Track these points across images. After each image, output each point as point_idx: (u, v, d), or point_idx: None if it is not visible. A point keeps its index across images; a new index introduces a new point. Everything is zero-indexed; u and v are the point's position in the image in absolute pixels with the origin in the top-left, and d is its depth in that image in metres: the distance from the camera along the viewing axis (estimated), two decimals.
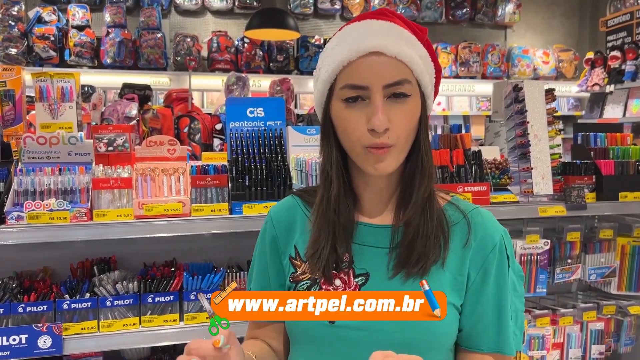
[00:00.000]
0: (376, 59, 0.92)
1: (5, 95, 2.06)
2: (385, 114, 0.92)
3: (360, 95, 0.93)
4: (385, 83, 0.92)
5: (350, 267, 1.02)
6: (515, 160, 2.29)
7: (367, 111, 0.93)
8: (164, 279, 1.88)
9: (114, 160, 1.99)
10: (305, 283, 1.05)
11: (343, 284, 1.01)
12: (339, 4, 6.43)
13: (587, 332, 2.40)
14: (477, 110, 6.82)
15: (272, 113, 2.14)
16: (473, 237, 1.02)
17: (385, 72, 0.92)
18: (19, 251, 2.00)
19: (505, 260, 1.03)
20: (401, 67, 0.94)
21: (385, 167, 0.96)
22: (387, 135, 0.93)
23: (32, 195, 1.80)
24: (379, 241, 1.03)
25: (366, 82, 0.92)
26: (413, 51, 0.96)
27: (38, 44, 5.39)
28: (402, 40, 0.96)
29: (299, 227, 1.10)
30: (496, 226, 1.04)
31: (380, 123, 0.91)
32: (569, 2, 7.41)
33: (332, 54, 0.97)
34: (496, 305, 1.02)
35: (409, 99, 0.95)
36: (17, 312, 1.74)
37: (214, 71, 5.97)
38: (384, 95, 0.93)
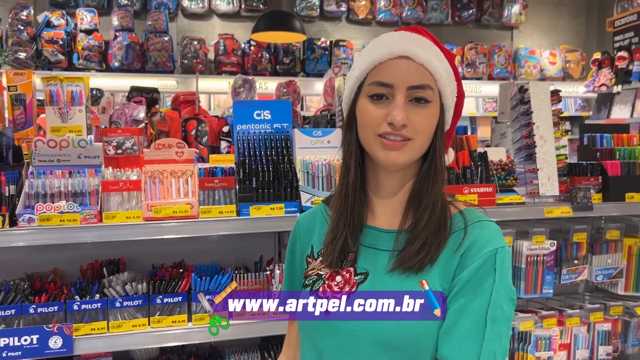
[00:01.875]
0: (404, 62, 1.01)
1: (16, 99, 2.09)
2: (404, 112, 0.99)
3: (385, 93, 1.01)
4: (409, 85, 1.00)
5: (353, 266, 1.08)
6: (521, 161, 2.29)
7: (389, 108, 1.01)
8: (173, 280, 1.90)
9: (123, 163, 2.02)
10: (311, 278, 1.12)
11: (344, 281, 1.07)
12: (344, 6, 6.44)
13: (594, 333, 2.40)
14: (484, 111, 6.80)
15: (278, 115, 2.16)
16: (465, 244, 1.02)
17: (411, 75, 1.00)
18: (30, 252, 2.03)
19: (491, 273, 0.99)
20: (426, 74, 1.01)
21: (397, 157, 1.01)
22: (406, 130, 1.00)
23: (42, 198, 1.83)
24: (383, 244, 1.08)
25: (392, 81, 1.00)
26: (439, 64, 1.03)
27: (47, 48, 5.44)
28: (431, 52, 1.04)
29: (317, 229, 1.18)
30: (494, 240, 1.02)
31: (400, 118, 0.98)
32: (575, 3, 7.39)
33: (366, 55, 1.06)
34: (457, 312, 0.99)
35: (429, 105, 1.02)
36: (28, 312, 1.76)
37: (220, 74, 6.00)
38: (407, 97, 1.00)
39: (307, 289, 1.12)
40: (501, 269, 1.00)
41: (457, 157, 2.15)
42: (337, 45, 6.30)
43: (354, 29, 6.67)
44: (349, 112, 1.10)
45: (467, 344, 0.97)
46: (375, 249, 1.08)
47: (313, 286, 1.11)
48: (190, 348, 2.19)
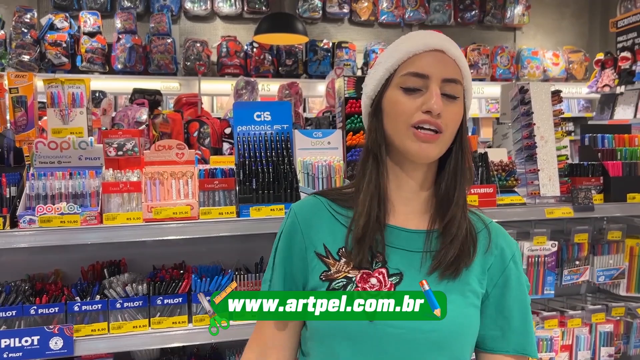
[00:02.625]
0: (440, 55, 1.03)
1: (17, 101, 2.10)
2: (441, 100, 1.00)
3: (419, 86, 1.02)
4: (445, 77, 1.02)
5: (384, 267, 1.04)
6: (521, 162, 2.29)
7: (423, 99, 1.01)
8: (173, 281, 1.91)
9: (124, 165, 2.02)
10: (340, 281, 1.04)
11: (379, 283, 1.03)
12: (347, 8, 6.45)
13: (596, 334, 2.39)
14: (487, 112, 6.80)
15: (279, 117, 2.16)
16: (494, 246, 1.09)
17: (446, 68, 1.03)
18: (31, 254, 2.04)
19: (521, 269, 1.12)
20: (457, 70, 1.05)
21: (430, 149, 1.01)
22: (441, 120, 1.00)
23: (43, 199, 1.84)
24: (412, 245, 1.06)
25: (428, 72, 1.01)
26: (465, 64, 1.07)
27: (50, 51, 5.47)
28: (459, 52, 1.07)
29: (326, 226, 1.09)
30: (512, 239, 1.14)
31: (438, 106, 0.99)
32: (578, 3, 7.37)
33: (397, 48, 1.06)
34: (521, 310, 1.10)
35: (458, 101, 1.04)
36: (29, 314, 1.77)
37: (223, 76, 6.02)
38: (440, 89, 1.02)
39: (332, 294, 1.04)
40: (521, 264, 1.13)
41: None
42: (340, 47, 6.31)
43: (356, 30, 6.68)
44: (375, 104, 1.08)
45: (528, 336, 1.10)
46: (403, 249, 1.06)
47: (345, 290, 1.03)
48: (191, 349, 2.19)
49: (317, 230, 1.09)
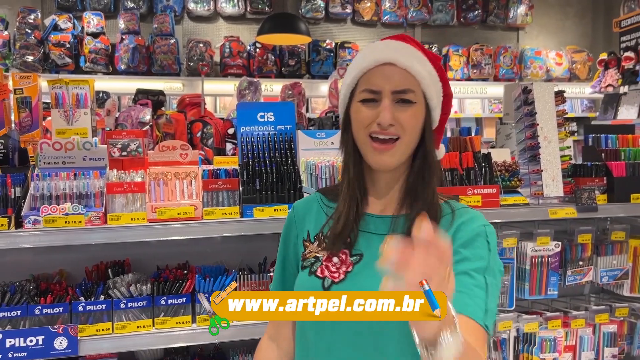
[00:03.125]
0: (389, 68, 1.12)
1: (22, 102, 2.11)
2: (391, 113, 1.10)
3: (374, 97, 1.12)
4: (394, 89, 1.11)
5: (349, 249, 1.18)
6: (525, 163, 2.29)
7: (378, 110, 1.11)
8: (177, 282, 1.91)
9: (128, 165, 2.03)
10: (309, 260, 1.21)
11: (340, 262, 1.17)
12: (350, 8, 6.45)
13: (600, 334, 2.39)
14: (490, 112, 6.79)
15: (282, 117, 2.17)
16: (455, 225, 1.14)
17: (395, 80, 1.11)
18: (35, 254, 2.05)
19: (485, 244, 1.12)
20: (409, 78, 1.12)
21: (387, 159, 1.12)
22: (393, 129, 1.10)
23: (48, 200, 1.84)
24: (379, 228, 1.18)
25: (379, 87, 1.11)
26: (422, 67, 1.13)
27: (54, 51, 5.49)
28: (413, 57, 1.14)
29: (314, 214, 1.27)
30: (480, 220, 1.16)
31: (387, 119, 1.09)
32: (582, 3, 7.36)
33: (356, 64, 1.17)
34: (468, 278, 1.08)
35: (414, 106, 1.12)
36: (34, 314, 1.78)
37: (226, 76, 6.03)
38: (393, 99, 1.11)
39: (305, 270, 1.20)
40: (492, 243, 1.13)
41: (460, 158, 2.15)
42: (343, 47, 6.31)
43: (359, 30, 6.68)
44: (344, 116, 1.20)
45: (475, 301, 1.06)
46: (370, 233, 1.18)
47: (311, 268, 1.19)
48: (195, 349, 2.20)
49: (307, 220, 1.27)
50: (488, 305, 1.07)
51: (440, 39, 6.77)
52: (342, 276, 1.15)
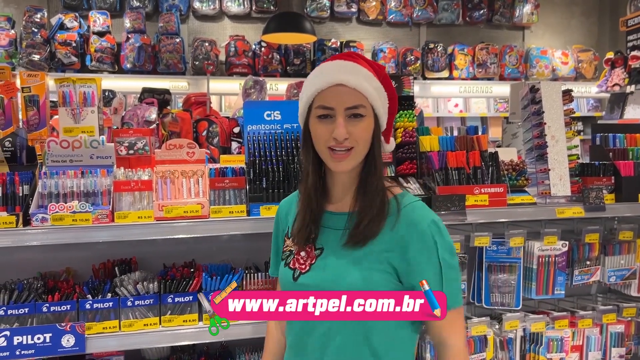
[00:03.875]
0: (340, 89, 1.28)
1: (29, 100, 2.11)
2: (345, 128, 1.27)
3: (329, 114, 1.28)
4: (346, 106, 1.27)
5: (313, 243, 1.37)
6: (532, 162, 2.28)
7: (333, 126, 1.28)
8: (184, 280, 1.92)
9: (135, 163, 2.03)
10: (286, 254, 1.43)
11: (306, 255, 1.37)
12: (355, 7, 6.44)
13: (607, 334, 2.38)
14: (495, 111, 6.76)
15: (288, 116, 2.17)
16: (401, 223, 1.30)
17: (346, 99, 1.27)
18: (43, 252, 2.05)
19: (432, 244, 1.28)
20: (358, 96, 1.28)
21: (344, 166, 1.30)
22: (348, 141, 1.27)
23: (55, 198, 1.85)
24: (337, 224, 1.36)
25: (332, 105, 1.28)
26: (368, 84, 1.30)
27: (60, 50, 5.50)
28: (361, 76, 1.30)
29: (293, 213, 1.46)
30: (424, 215, 1.31)
31: (341, 134, 1.26)
32: (588, 2, 7.32)
33: (311, 83, 1.32)
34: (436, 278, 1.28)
35: (364, 118, 1.29)
36: (41, 311, 1.78)
37: (231, 75, 6.03)
38: (346, 115, 1.28)
39: (283, 261, 1.42)
40: (439, 235, 1.29)
41: (467, 157, 2.14)
42: (348, 46, 6.30)
43: (364, 29, 6.67)
44: (303, 128, 1.35)
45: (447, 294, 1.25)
46: (329, 228, 1.37)
47: (287, 260, 1.41)
48: (201, 347, 2.20)
49: (289, 218, 1.47)
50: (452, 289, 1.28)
51: (446, 38, 6.75)
52: (307, 267, 1.35)
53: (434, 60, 6.47)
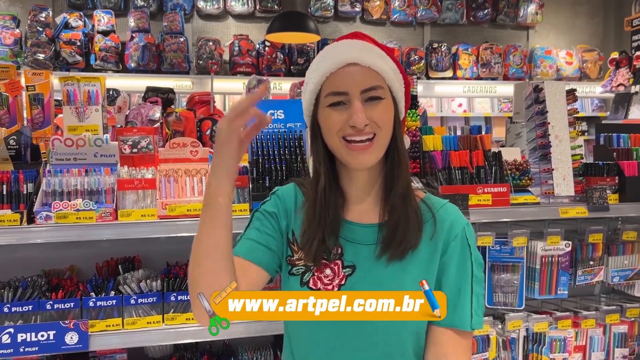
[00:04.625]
0: (353, 69, 1.09)
1: (34, 99, 2.12)
2: (363, 113, 1.07)
3: (342, 100, 1.09)
4: (362, 88, 1.08)
5: (340, 259, 1.16)
6: (535, 161, 2.28)
7: (349, 112, 1.08)
8: (187, 278, 1.92)
9: (138, 162, 2.04)
10: (300, 268, 1.18)
11: (332, 274, 1.15)
12: (359, 7, 6.44)
13: (610, 335, 2.37)
14: (499, 111, 6.75)
15: (292, 115, 2.17)
16: (439, 231, 1.15)
17: (361, 80, 1.09)
18: (46, 250, 2.06)
19: (467, 249, 1.15)
20: (375, 75, 1.10)
21: (367, 159, 1.09)
22: (369, 127, 1.08)
23: (59, 196, 1.85)
24: (367, 239, 1.16)
25: (346, 89, 1.08)
26: (384, 63, 1.12)
27: (65, 49, 5.51)
28: (375, 54, 1.12)
29: (298, 213, 1.21)
30: (459, 219, 1.18)
31: (361, 120, 1.06)
32: (592, 2, 7.30)
33: (316, 68, 1.13)
34: (455, 287, 1.14)
35: (383, 101, 1.11)
36: (45, 309, 1.79)
37: (235, 74, 6.03)
38: (362, 99, 1.08)
39: (294, 277, 1.17)
40: (471, 242, 1.17)
41: (470, 156, 2.14)
42: None
43: (368, 29, 6.66)
44: (311, 123, 1.17)
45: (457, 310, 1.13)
46: (358, 243, 1.16)
47: (302, 277, 1.16)
48: (204, 345, 2.21)
49: (291, 215, 1.23)
50: (474, 307, 1.14)
51: (450, 37, 6.74)
52: (335, 289, 1.14)
53: (437, 60, 6.45)
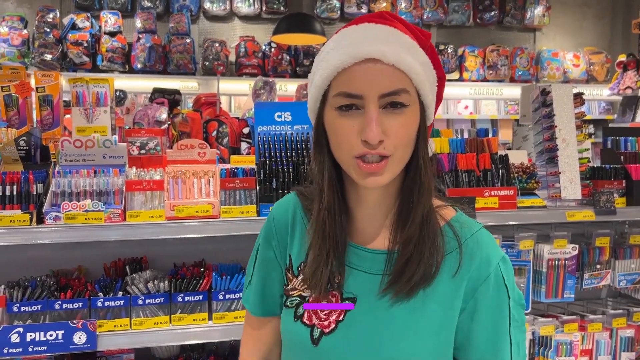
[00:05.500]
0: (372, 67, 0.86)
1: (44, 100, 2.14)
2: (379, 125, 0.86)
3: (355, 104, 0.87)
4: (382, 93, 0.86)
5: (339, 290, 0.97)
6: (542, 165, 2.28)
7: (361, 121, 0.87)
8: (194, 279, 1.93)
9: (146, 163, 2.05)
10: (294, 300, 1.02)
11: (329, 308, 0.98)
12: (365, 8, 6.44)
13: (617, 339, 2.36)
14: (505, 114, 6.74)
15: (299, 117, 2.18)
16: (465, 268, 0.94)
17: (381, 81, 0.86)
18: (55, 250, 2.08)
19: (503, 290, 0.95)
20: (399, 76, 0.87)
21: (378, 181, 0.89)
22: (383, 146, 0.87)
23: (68, 197, 1.87)
24: (373, 267, 0.97)
25: (361, 91, 0.86)
26: (413, 58, 0.88)
27: (72, 50, 5.55)
28: (402, 47, 0.88)
29: (297, 235, 1.05)
30: (493, 253, 0.96)
31: (374, 135, 0.85)
32: (600, 4, 7.28)
33: (327, 58, 0.90)
34: (491, 336, 0.95)
35: (407, 109, 0.88)
36: (54, 308, 1.80)
37: (241, 76, 6.05)
38: (380, 105, 0.87)
39: (288, 310, 1.02)
40: (508, 281, 0.96)
41: (477, 159, 2.14)
42: None
43: None
44: (315, 123, 0.96)
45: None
46: (362, 271, 0.97)
47: (297, 311, 1.00)
48: (210, 346, 2.21)
49: (290, 239, 1.05)
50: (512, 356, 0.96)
51: (456, 39, 6.73)
52: (332, 325, 0.96)
53: (444, 61, 6.45)
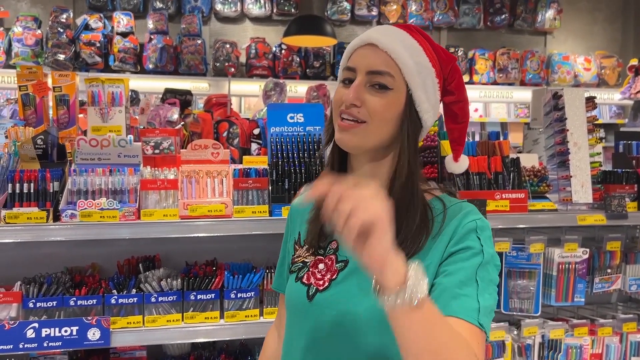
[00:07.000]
0: (369, 48, 1.06)
1: (60, 99, 2.17)
2: (358, 93, 1.04)
3: (350, 77, 1.07)
4: (369, 69, 1.05)
5: (335, 254, 1.13)
6: (554, 168, 2.28)
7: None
8: (206, 278, 1.95)
9: (160, 163, 2.08)
10: (297, 265, 1.18)
11: (326, 268, 1.12)
12: (375, 11, 6.45)
13: (627, 343, 2.36)
14: (515, 117, 6.72)
15: (311, 119, 2.19)
16: (448, 226, 1.04)
17: (371, 60, 1.05)
18: (69, 247, 2.10)
19: (475, 239, 1.01)
20: (388, 62, 1.04)
21: (348, 138, 1.05)
22: (358, 110, 1.04)
23: (84, 195, 1.89)
24: None
25: (354, 65, 1.07)
26: (408, 55, 1.05)
27: (84, 50, 5.60)
28: (401, 43, 1.06)
29: (308, 216, 1.20)
30: (472, 215, 1.05)
31: (350, 97, 1.03)
32: (611, 7, 7.25)
33: (348, 46, 1.13)
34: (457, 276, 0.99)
35: (390, 93, 1.04)
36: (69, 305, 1.83)
37: (252, 77, 6.08)
38: (367, 82, 1.05)
39: (292, 275, 1.18)
40: (484, 237, 1.02)
41: (489, 162, 2.15)
42: None
43: None
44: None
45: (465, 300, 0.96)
46: None
47: (298, 273, 1.16)
48: (221, 344, 2.23)
49: (301, 221, 1.23)
50: (480, 302, 0.96)
51: (467, 42, 6.73)
52: (326, 284, 1.10)
53: None
